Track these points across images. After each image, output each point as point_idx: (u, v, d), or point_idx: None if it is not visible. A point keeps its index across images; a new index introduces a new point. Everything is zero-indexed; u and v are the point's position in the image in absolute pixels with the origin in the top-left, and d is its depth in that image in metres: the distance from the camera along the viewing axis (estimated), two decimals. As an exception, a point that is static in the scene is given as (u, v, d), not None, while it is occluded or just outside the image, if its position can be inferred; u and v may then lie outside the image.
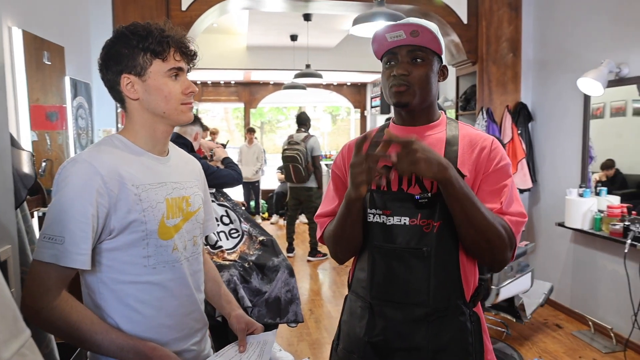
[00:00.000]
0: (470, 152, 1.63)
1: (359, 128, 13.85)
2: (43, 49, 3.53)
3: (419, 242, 1.58)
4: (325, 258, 7.83)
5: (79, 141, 4.21)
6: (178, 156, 1.74)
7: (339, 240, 1.70)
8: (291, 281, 3.59)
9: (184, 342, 1.63)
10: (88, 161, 1.44)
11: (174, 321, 1.59)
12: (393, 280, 1.62)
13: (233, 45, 9.66)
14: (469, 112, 5.89)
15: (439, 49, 1.62)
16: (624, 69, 4.25)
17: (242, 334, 1.76)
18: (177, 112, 1.56)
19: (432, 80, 1.63)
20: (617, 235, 4.15)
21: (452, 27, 5.49)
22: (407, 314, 1.60)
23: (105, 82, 1.57)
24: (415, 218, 1.59)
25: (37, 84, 3.40)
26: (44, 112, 3.51)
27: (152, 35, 1.50)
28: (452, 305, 1.60)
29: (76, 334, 1.40)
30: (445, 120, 1.73)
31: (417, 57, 1.61)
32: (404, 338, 1.61)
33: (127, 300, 1.51)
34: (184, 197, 1.64)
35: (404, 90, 1.61)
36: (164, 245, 1.54)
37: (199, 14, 5.02)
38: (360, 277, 1.72)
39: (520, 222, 1.58)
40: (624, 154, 4.61)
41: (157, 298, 1.54)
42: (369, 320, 1.66)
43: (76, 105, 4.17)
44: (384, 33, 1.62)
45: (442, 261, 1.59)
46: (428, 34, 1.58)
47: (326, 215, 1.81)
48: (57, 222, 1.39)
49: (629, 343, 4.07)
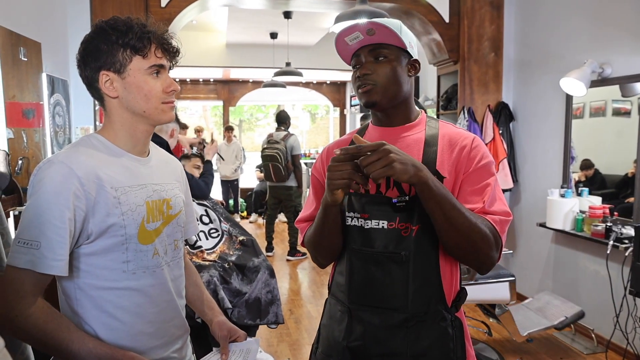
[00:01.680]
0: (450, 152, 1.59)
1: (338, 127, 13.85)
2: (19, 45, 3.49)
3: (397, 246, 1.55)
4: (304, 257, 7.79)
5: (56, 139, 4.17)
6: (159, 156, 1.68)
7: (317, 245, 1.68)
8: (272, 282, 3.55)
9: (164, 350, 1.57)
10: (65, 162, 1.37)
11: (154, 328, 1.53)
12: (371, 284, 1.59)
13: (212, 43, 9.60)
14: (450, 111, 5.88)
15: (400, 43, 1.58)
16: (607, 69, 4.25)
17: (225, 341, 1.71)
18: (157, 111, 1.50)
19: (399, 76, 1.60)
20: (599, 236, 4.16)
21: (434, 25, 5.47)
22: (386, 319, 1.57)
23: (84, 79, 1.50)
24: (394, 222, 1.55)
25: (13, 80, 3.36)
26: (20, 109, 3.47)
27: (132, 31, 1.43)
28: (431, 310, 1.57)
29: (52, 342, 1.34)
30: (425, 119, 1.69)
31: (379, 55, 1.59)
32: (383, 343, 1.58)
33: (106, 307, 1.45)
34: (165, 200, 1.57)
35: (370, 90, 1.58)
36: (144, 250, 1.48)
37: (179, 11, 4.97)
38: (339, 281, 1.69)
39: (505, 221, 1.54)
40: (603, 154, 4.63)
41: (137, 304, 1.48)
42: (348, 325, 1.63)
43: (53, 102, 4.14)
44: (343, 37, 1.61)
45: (421, 265, 1.55)
46: (384, 30, 1.55)
47: (306, 219, 1.78)
48: (32, 227, 1.33)
49: (610, 344, 4.08)
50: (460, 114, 5.53)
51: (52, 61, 4.10)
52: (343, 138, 1.82)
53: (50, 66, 4.04)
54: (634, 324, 3.80)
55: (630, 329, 3.82)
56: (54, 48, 4.19)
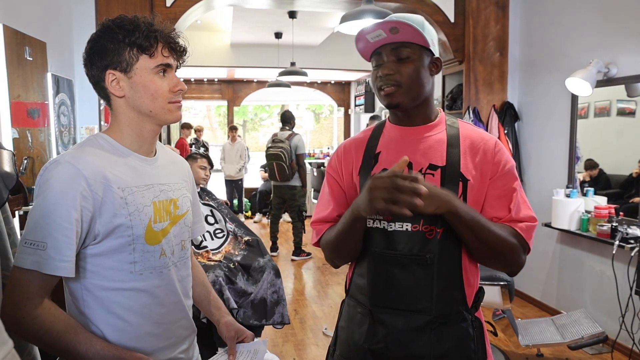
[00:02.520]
0: (473, 154, 1.58)
1: (342, 127, 13.84)
2: (24, 45, 3.48)
3: (421, 248, 1.53)
4: (309, 257, 7.80)
5: (61, 139, 4.17)
6: (165, 156, 1.66)
7: (337, 250, 1.66)
8: (277, 282, 3.55)
9: (171, 351, 1.57)
10: (71, 163, 1.37)
11: (161, 329, 1.53)
12: (394, 287, 1.57)
13: (217, 43, 9.59)
14: (455, 111, 5.87)
15: (424, 42, 1.55)
16: (612, 69, 4.25)
17: (232, 342, 1.70)
18: (164, 111, 1.49)
19: (422, 76, 1.57)
20: (605, 237, 4.15)
21: (440, 25, 5.47)
22: (409, 322, 1.56)
23: (90, 78, 1.50)
24: (418, 224, 1.54)
25: (18, 80, 3.35)
26: (25, 108, 3.47)
27: (139, 30, 1.43)
28: (454, 311, 1.56)
29: (59, 344, 1.33)
30: (444, 118, 1.67)
31: (402, 55, 1.55)
32: (406, 346, 1.56)
33: (113, 308, 1.44)
34: (172, 200, 1.57)
35: (394, 91, 1.56)
36: (151, 251, 1.47)
37: (184, 11, 4.98)
38: (359, 283, 1.67)
39: (531, 227, 1.56)
40: (607, 154, 4.64)
41: (144, 305, 1.48)
42: (369, 327, 1.61)
43: (58, 102, 4.14)
44: (365, 34, 1.57)
45: (446, 268, 1.55)
46: (408, 28, 1.51)
47: (323, 221, 1.74)
48: (39, 227, 1.33)
49: (616, 344, 4.06)
50: (466, 114, 5.52)
51: (57, 61, 4.09)
52: (358, 136, 1.78)
53: (55, 66, 4.04)
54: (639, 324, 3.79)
55: (636, 329, 3.81)
56: (59, 48, 4.19)
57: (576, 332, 4.02)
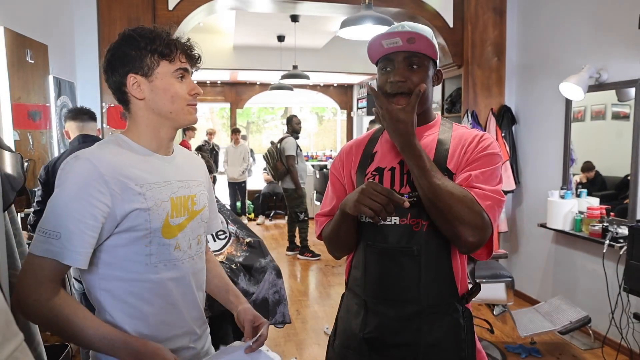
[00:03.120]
0: (460, 149, 1.66)
1: (345, 129, 13.89)
2: (26, 47, 3.49)
3: (409, 241, 1.62)
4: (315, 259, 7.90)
5: (63, 141, 4.18)
6: (182, 155, 1.75)
7: (334, 242, 1.78)
8: (278, 282, 3.58)
9: (183, 340, 1.64)
10: (90, 159, 1.44)
11: (173, 319, 1.60)
12: (385, 278, 1.66)
13: (219, 45, 9.61)
14: (454, 114, 5.96)
15: (434, 54, 1.65)
16: (604, 75, 4.36)
17: (249, 324, 1.74)
18: (183, 112, 1.60)
19: (428, 85, 1.66)
20: (596, 236, 4.26)
21: (439, 30, 5.57)
22: (400, 311, 1.64)
23: (110, 84, 1.59)
24: (405, 217, 1.62)
25: (19, 82, 3.36)
26: (25, 111, 3.48)
27: (159, 38, 1.54)
28: (444, 302, 1.64)
29: (67, 328, 1.41)
30: (439, 121, 1.77)
31: (413, 63, 1.64)
32: (397, 334, 1.65)
33: (126, 298, 1.52)
34: (190, 196, 1.65)
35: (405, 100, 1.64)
36: (167, 244, 1.55)
37: (186, 14, 5.02)
38: (355, 274, 1.77)
39: (489, 196, 1.54)
40: (603, 156, 4.71)
41: (158, 295, 1.55)
42: (364, 317, 1.70)
43: (60, 104, 4.15)
44: (380, 39, 1.64)
45: (433, 259, 1.62)
46: (424, 40, 1.60)
47: (325, 215, 1.86)
48: (54, 217, 1.40)
49: (606, 340, 4.15)
50: (464, 117, 5.61)
51: (59, 63, 4.14)
52: (359, 138, 1.89)
53: (57, 68, 4.08)
54: (627, 320, 3.88)
55: (625, 324, 3.90)
56: (60, 50, 4.24)
57: (563, 318, 4.19)
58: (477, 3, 5.55)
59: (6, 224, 2.03)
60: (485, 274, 3.97)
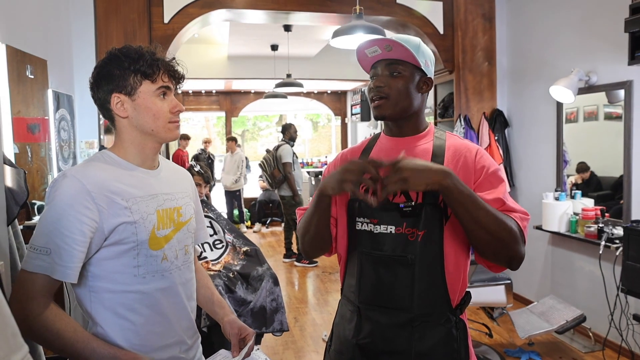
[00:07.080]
0: (456, 161, 1.67)
1: (340, 135, 13.94)
2: (26, 63, 3.53)
3: (404, 250, 1.64)
4: (312, 266, 7.92)
5: (62, 153, 4.21)
6: (168, 167, 1.80)
7: (305, 232, 1.79)
8: (276, 290, 3.60)
9: (173, 350, 1.67)
10: (76, 177, 1.48)
11: (163, 329, 1.63)
12: (379, 285, 1.68)
13: (214, 55, 9.67)
14: (447, 119, 6.01)
15: (415, 61, 1.67)
16: (593, 77, 4.42)
17: (235, 338, 1.79)
18: (165, 129, 1.63)
19: (411, 92, 1.68)
20: (592, 237, 4.28)
21: (429, 37, 5.62)
22: (392, 318, 1.66)
23: (96, 100, 1.64)
24: (401, 227, 1.64)
25: (19, 96, 3.39)
26: (25, 124, 3.50)
27: (143, 58, 1.57)
28: (436, 312, 1.66)
29: (58, 342, 1.45)
30: (432, 130, 1.79)
31: (394, 71, 1.68)
32: (389, 341, 1.67)
33: (117, 309, 1.55)
34: (176, 208, 1.69)
35: (381, 104, 1.69)
36: (154, 255, 1.58)
37: (182, 27, 5.06)
38: (350, 282, 1.79)
39: (525, 219, 1.60)
40: (597, 156, 4.74)
41: (147, 306, 1.58)
42: (357, 323, 1.73)
43: (59, 117, 4.18)
44: (364, 49, 1.71)
45: (426, 269, 1.63)
46: (400, 48, 1.64)
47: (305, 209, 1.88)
48: (44, 235, 1.45)
49: (606, 342, 4.18)
50: (457, 122, 5.65)
51: (57, 77, 4.18)
52: (356, 146, 1.92)
53: (55, 82, 4.12)
54: (627, 321, 3.91)
55: (624, 326, 3.93)
56: (59, 64, 4.28)
57: (559, 318, 4.24)
58: (467, 9, 5.61)
59: (9, 237, 2.05)
60: (484, 277, 4.01)
